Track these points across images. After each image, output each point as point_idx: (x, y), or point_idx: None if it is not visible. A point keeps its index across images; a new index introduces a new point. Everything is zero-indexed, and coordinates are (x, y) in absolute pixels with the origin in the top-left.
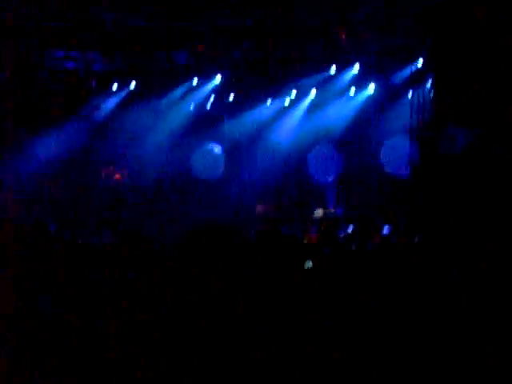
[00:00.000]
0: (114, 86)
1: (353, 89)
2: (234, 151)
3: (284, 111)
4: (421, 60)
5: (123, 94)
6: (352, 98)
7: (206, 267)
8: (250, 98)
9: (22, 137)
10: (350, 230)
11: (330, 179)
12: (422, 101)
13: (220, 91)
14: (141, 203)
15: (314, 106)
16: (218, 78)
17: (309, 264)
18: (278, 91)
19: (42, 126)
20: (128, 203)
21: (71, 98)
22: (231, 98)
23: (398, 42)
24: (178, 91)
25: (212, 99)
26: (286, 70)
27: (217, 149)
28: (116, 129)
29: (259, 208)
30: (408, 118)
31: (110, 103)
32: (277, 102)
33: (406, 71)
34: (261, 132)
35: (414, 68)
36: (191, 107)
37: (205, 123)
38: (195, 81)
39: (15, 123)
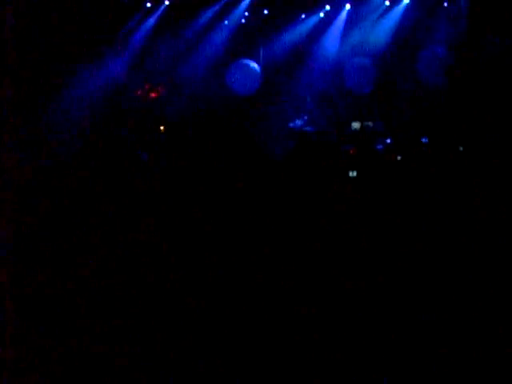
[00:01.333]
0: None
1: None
2: (272, 67)
3: (320, 26)
4: None
5: (157, 13)
6: (388, 9)
7: None
8: (284, 13)
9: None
10: (388, 142)
11: (367, 90)
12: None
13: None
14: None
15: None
16: None
17: (353, 173)
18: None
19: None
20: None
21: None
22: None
23: None
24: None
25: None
26: None
27: (253, 64)
28: (153, 51)
29: None
30: (444, 28)
31: (145, 25)
32: (311, 17)
33: None
34: (298, 48)
35: None
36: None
37: (240, 40)
38: None
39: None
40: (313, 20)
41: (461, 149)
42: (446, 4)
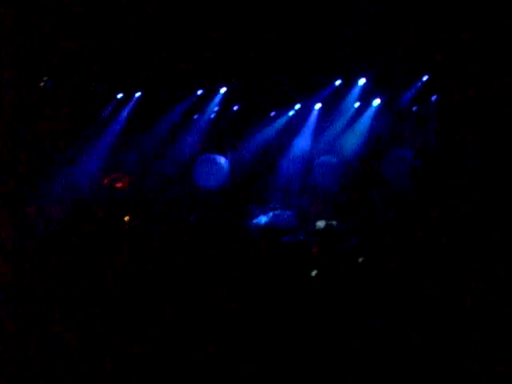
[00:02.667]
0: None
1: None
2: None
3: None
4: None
5: (129, 105)
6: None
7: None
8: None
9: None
10: (353, 243)
11: (335, 189)
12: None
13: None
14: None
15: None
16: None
17: (314, 272)
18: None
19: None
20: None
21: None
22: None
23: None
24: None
25: (216, 111)
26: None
27: (219, 158)
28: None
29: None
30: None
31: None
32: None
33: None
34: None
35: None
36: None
37: (210, 135)
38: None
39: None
40: (283, 118)
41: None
42: (415, 108)
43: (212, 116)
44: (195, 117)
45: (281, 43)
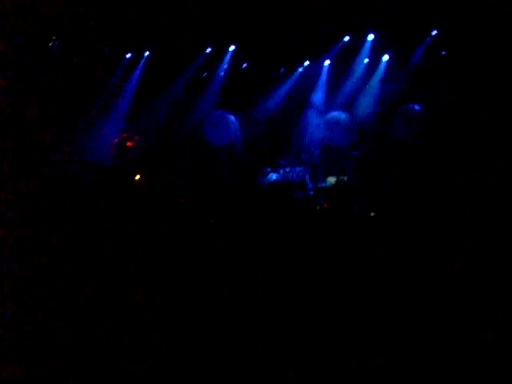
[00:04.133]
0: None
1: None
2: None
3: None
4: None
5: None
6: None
7: None
8: (264, 67)
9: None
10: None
11: (344, 144)
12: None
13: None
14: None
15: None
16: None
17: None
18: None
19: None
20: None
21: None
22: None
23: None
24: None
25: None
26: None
27: (231, 116)
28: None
29: None
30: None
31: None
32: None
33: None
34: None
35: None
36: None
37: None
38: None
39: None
40: (294, 76)
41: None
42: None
43: (222, 75)
44: (205, 75)
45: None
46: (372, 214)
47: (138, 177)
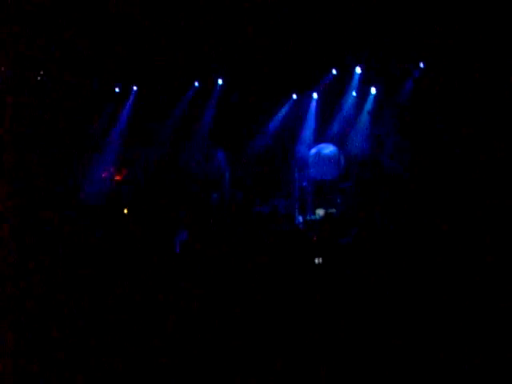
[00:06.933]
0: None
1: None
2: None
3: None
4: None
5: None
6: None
7: None
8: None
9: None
10: (353, 233)
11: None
12: None
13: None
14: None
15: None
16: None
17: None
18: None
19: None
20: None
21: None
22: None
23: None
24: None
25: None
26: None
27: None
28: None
29: None
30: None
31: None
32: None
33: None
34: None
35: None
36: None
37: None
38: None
39: None
40: (283, 110)
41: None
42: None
43: (211, 109)
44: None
45: (275, 35)
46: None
47: (126, 211)
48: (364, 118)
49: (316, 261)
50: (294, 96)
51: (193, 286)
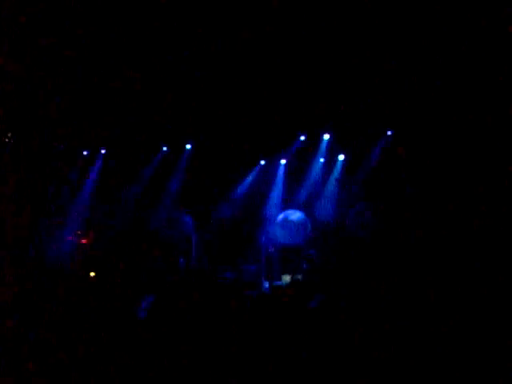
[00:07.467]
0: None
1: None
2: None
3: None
4: None
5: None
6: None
7: None
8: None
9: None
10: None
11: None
12: None
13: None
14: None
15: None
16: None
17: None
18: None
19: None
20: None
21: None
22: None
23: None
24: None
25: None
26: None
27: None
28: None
29: None
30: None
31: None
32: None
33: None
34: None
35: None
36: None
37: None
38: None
39: None
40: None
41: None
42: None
43: (179, 174)
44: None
45: (245, 100)
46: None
47: (92, 274)
48: (331, 184)
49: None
50: (262, 162)
51: (157, 353)
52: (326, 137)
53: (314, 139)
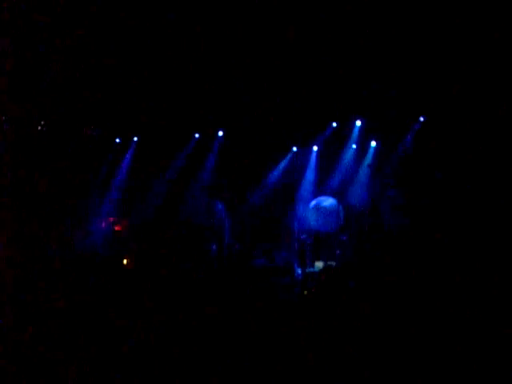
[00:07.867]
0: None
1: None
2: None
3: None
4: None
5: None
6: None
7: None
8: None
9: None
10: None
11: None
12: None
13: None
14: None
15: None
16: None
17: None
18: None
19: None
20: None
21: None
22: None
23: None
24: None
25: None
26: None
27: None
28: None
29: None
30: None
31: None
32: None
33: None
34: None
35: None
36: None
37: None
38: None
39: None
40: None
41: None
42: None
43: (211, 161)
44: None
45: (277, 87)
46: None
47: (125, 261)
48: (364, 170)
49: None
50: (294, 148)
51: (190, 338)
52: (358, 123)
53: (346, 126)
